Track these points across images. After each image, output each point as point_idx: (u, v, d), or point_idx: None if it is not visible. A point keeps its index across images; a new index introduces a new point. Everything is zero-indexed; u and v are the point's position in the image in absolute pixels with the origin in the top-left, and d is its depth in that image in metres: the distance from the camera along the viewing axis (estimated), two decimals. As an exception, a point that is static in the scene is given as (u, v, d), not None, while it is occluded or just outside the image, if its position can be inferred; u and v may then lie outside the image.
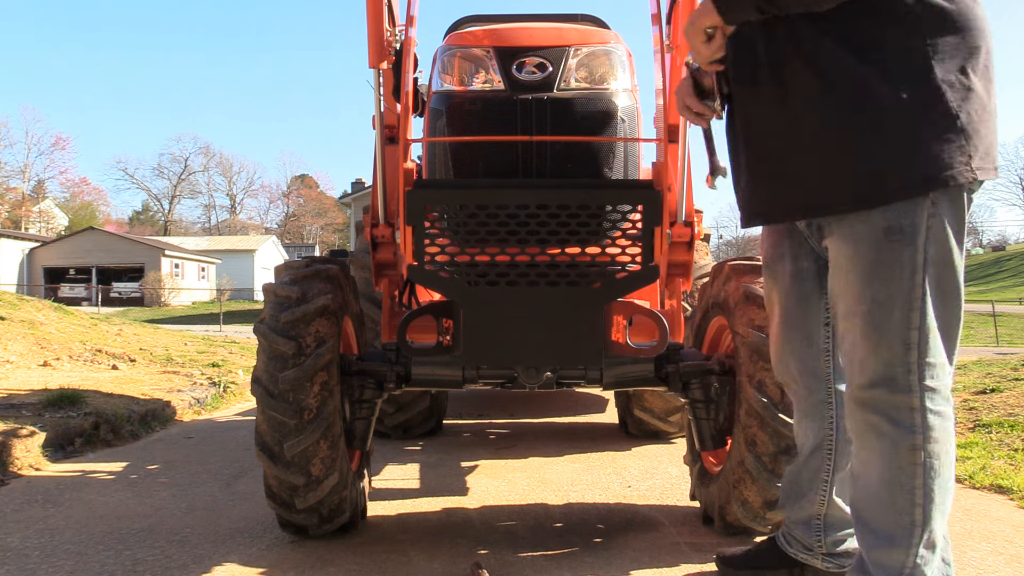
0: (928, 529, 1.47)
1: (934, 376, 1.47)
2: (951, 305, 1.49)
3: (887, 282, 1.48)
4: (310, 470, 2.22)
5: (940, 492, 1.47)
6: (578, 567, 2.19)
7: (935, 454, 1.46)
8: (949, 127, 1.43)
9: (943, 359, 1.48)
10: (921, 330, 1.46)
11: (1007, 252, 68.51)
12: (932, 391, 1.47)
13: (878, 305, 1.49)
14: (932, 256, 1.46)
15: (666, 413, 3.98)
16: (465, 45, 2.68)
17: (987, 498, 2.91)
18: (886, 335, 1.48)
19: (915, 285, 1.46)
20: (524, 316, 2.23)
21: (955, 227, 1.47)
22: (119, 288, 40.90)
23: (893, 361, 1.47)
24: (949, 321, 1.49)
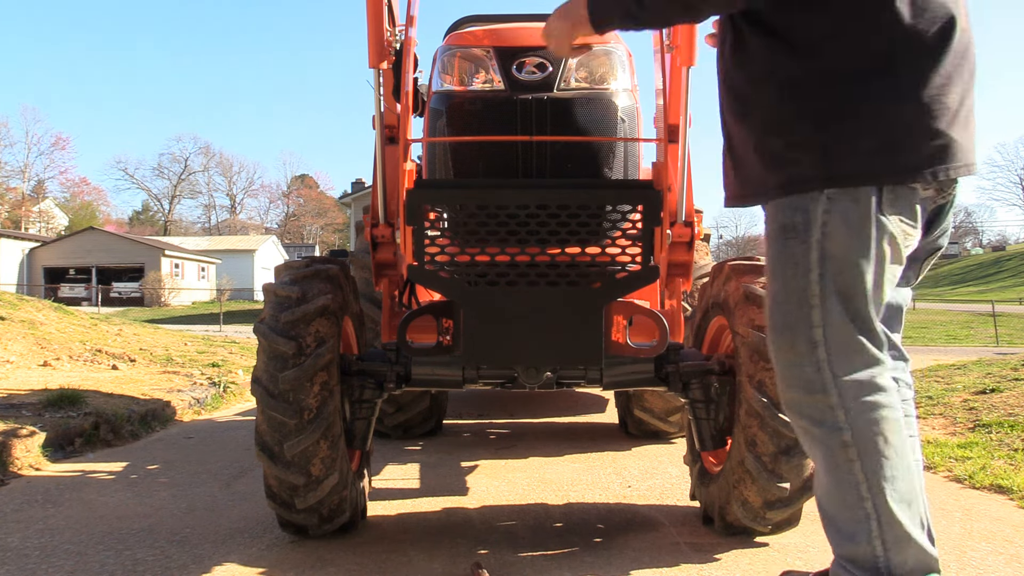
0: (884, 519, 1.45)
1: (852, 368, 1.45)
2: (858, 304, 1.45)
3: (785, 280, 1.50)
4: (310, 470, 2.22)
5: (889, 480, 1.44)
6: (578, 567, 2.19)
7: (869, 446, 1.45)
8: (823, 125, 1.45)
9: (861, 347, 1.46)
10: (826, 327, 1.45)
11: (1007, 252, 68.55)
12: (851, 383, 1.45)
13: (778, 304, 1.51)
14: (829, 253, 1.45)
15: (666, 413, 3.98)
16: (465, 45, 2.68)
17: (987, 498, 2.91)
18: (789, 334, 1.49)
19: (810, 283, 1.46)
20: (524, 316, 2.23)
21: (857, 225, 1.44)
22: (119, 288, 40.91)
23: (802, 361, 1.48)
24: (865, 317, 1.46)
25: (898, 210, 1.45)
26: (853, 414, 1.45)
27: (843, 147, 1.44)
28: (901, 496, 1.46)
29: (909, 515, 1.46)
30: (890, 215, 1.45)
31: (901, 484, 1.46)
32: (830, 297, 1.45)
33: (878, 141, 1.43)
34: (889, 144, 1.43)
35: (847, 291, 1.46)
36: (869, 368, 1.47)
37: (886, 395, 1.47)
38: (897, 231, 1.46)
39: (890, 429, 1.46)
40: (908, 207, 1.47)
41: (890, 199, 1.45)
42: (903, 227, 1.47)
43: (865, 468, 1.45)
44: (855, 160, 1.44)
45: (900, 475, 1.46)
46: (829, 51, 1.46)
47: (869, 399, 1.46)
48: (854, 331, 1.46)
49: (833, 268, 1.45)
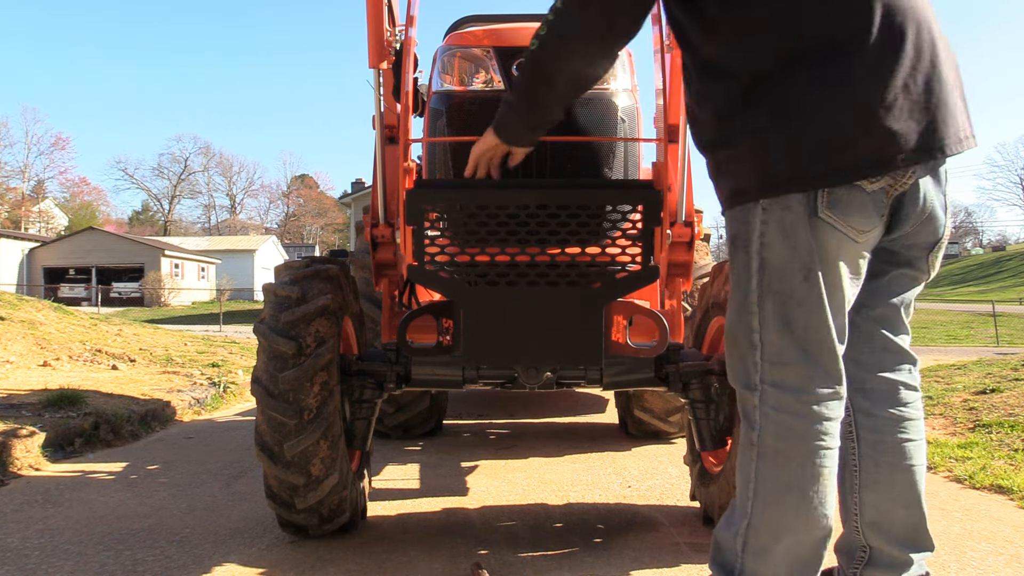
0: (754, 524, 1.48)
1: (778, 377, 1.47)
2: (794, 314, 1.46)
3: (734, 286, 1.56)
4: (310, 470, 2.22)
5: (774, 491, 1.46)
6: (578, 567, 2.19)
7: (768, 453, 1.47)
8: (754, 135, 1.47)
9: (796, 362, 1.46)
10: (762, 333, 1.49)
11: (1007, 252, 68.54)
12: (776, 390, 1.47)
13: (729, 308, 1.57)
14: (767, 262, 1.48)
15: (666, 413, 3.98)
16: (465, 45, 2.68)
17: (987, 498, 2.91)
18: (737, 336, 1.54)
19: (750, 290, 1.50)
20: (524, 316, 2.23)
21: (792, 232, 1.44)
22: (119, 288, 40.89)
23: (745, 360, 1.53)
24: (804, 327, 1.46)
25: (840, 211, 1.43)
26: (766, 419, 1.48)
27: (772, 156, 1.45)
28: (781, 516, 1.46)
29: (782, 538, 1.46)
30: (830, 217, 1.44)
31: (787, 507, 1.45)
32: (766, 306, 1.48)
33: (805, 147, 1.42)
34: (815, 149, 1.42)
35: (784, 301, 1.47)
36: (797, 384, 1.46)
37: (804, 419, 1.45)
38: (845, 231, 1.45)
39: (797, 450, 1.45)
40: (853, 205, 1.44)
41: (829, 201, 1.43)
42: (852, 226, 1.45)
43: (759, 471, 1.48)
44: (783, 168, 1.44)
45: (790, 498, 1.45)
46: (746, 63, 1.47)
47: (784, 414, 1.47)
48: (788, 342, 1.47)
49: (770, 276, 1.48)
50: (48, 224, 57.91)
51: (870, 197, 1.44)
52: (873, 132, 1.40)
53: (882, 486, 1.64)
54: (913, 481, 1.63)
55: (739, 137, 1.49)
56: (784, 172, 1.44)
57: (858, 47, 1.40)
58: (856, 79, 1.39)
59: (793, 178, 1.43)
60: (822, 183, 1.42)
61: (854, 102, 1.40)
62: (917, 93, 1.42)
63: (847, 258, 1.47)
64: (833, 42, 1.41)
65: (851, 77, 1.40)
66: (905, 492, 1.63)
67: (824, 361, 1.47)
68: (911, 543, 1.64)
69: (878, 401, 1.64)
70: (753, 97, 1.46)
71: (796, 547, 1.46)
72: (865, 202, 1.44)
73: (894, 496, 1.63)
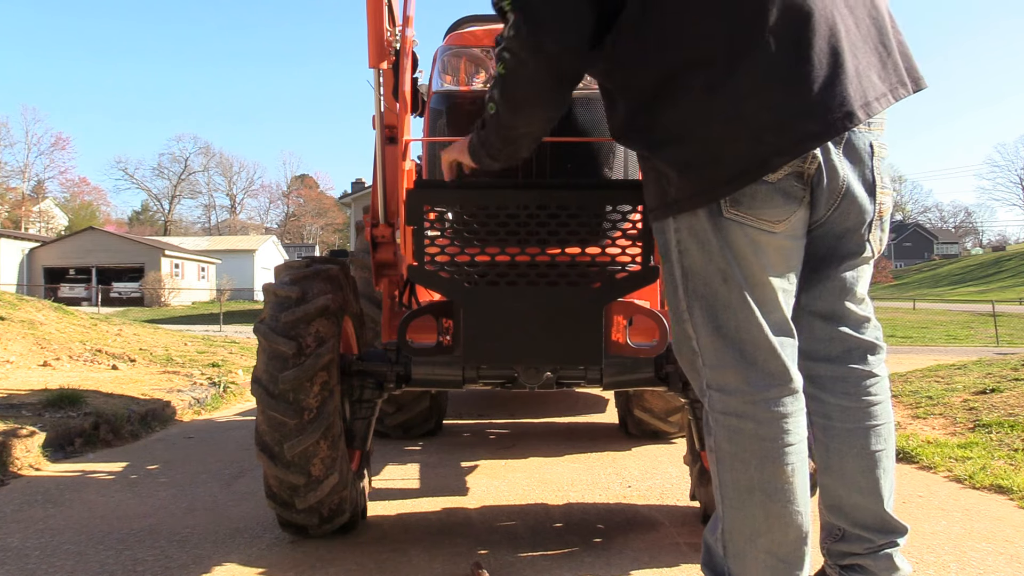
0: (727, 528, 1.48)
1: (721, 382, 1.48)
2: (723, 316, 1.45)
3: (668, 296, 1.58)
4: (310, 470, 2.22)
5: (737, 495, 1.45)
6: (578, 567, 2.19)
7: (725, 457, 1.47)
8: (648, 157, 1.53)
9: (733, 364, 1.45)
10: (699, 339, 1.50)
11: (1007, 252, 68.52)
12: (720, 394, 1.48)
13: (670, 317, 1.59)
14: (688, 269, 1.49)
15: (666, 413, 3.98)
16: (465, 45, 2.68)
17: (987, 498, 2.91)
18: (680, 344, 1.57)
19: (679, 299, 1.52)
20: (524, 316, 2.22)
21: (703, 238, 1.44)
22: (119, 288, 40.87)
23: (692, 368, 1.56)
24: (735, 328, 1.45)
25: (746, 207, 1.41)
26: (717, 424, 1.49)
27: (665, 178, 1.48)
28: (748, 519, 1.45)
29: (754, 540, 1.45)
30: (736, 215, 1.42)
31: (752, 508, 1.45)
32: (695, 312, 1.49)
33: (692, 164, 1.42)
34: (700, 164, 1.41)
35: (711, 305, 1.47)
36: (738, 385, 1.46)
37: (752, 420, 1.44)
38: (753, 227, 1.42)
39: (752, 452, 1.44)
40: (758, 199, 1.40)
41: (732, 200, 1.41)
42: (760, 220, 1.42)
43: (721, 476, 1.49)
44: (675, 189, 1.46)
45: (754, 499, 1.44)
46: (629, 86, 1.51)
47: (732, 417, 1.46)
48: (721, 345, 1.47)
49: (694, 283, 1.49)
50: (48, 224, 57.91)
51: (776, 187, 1.41)
52: (746, 136, 1.37)
53: (834, 471, 1.63)
54: (868, 467, 1.59)
55: (640, 159, 1.57)
56: (678, 192, 1.45)
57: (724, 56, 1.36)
58: (722, 86, 1.36)
59: (688, 196, 1.44)
60: (714, 195, 1.41)
61: (724, 110, 1.37)
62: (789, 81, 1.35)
63: (767, 251, 1.44)
64: (700, 55, 1.39)
65: (717, 85, 1.36)
66: (859, 478, 1.60)
67: (762, 360, 1.44)
68: (877, 528, 1.62)
69: (825, 388, 1.62)
70: (637, 121, 1.50)
71: (774, 547, 1.44)
72: (771, 193, 1.41)
73: (847, 482, 1.61)
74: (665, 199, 1.49)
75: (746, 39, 1.35)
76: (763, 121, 1.36)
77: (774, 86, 1.35)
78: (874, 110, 1.40)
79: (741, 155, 1.38)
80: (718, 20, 1.38)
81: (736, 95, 1.35)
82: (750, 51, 1.35)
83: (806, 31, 1.35)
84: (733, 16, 1.37)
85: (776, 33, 1.35)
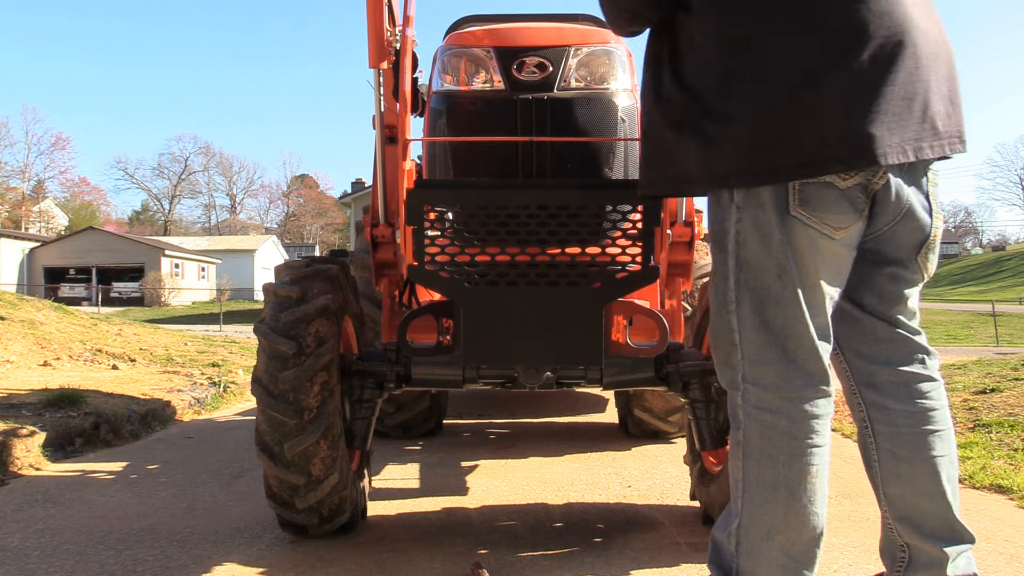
0: (744, 524, 1.49)
1: (759, 377, 1.49)
2: (770, 312, 1.47)
3: (713, 285, 1.58)
4: (310, 470, 2.22)
5: (760, 491, 1.47)
6: (578, 567, 2.19)
7: (753, 452, 1.48)
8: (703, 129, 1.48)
9: (775, 361, 1.47)
10: (741, 332, 1.50)
11: (1007, 252, 68.53)
12: (757, 388, 1.49)
13: (712, 307, 1.59)
14: (743, 261, 1.49)
15: (666, 413, 3.98)
16: (465, 45, 2.67)
17: (987, 498, 2.91)
18: (719, 335, 1.56)
19: (728, 289, 1.52)
20: (524, 316, 2.23)
21: (766, 230, 1.46)
22: (119, 288, 40.87)
23: (729, 360, 1.55)
24: (781, 325, 1.46)
25: (813, 207, 1.44)
26: (749, 418, 1.49)
27: (728, 149, 1.46)
28: (768, 516, 1.46)
29: (772, 538, 1.46)
30: (802, 215, 1.44)
31: (775, 505, 1.46)
32: (744, 304, 1.50)
33: (772, 140, 1.42)
34: (772, 142, 1.42)
35: (760, 299, 1.48)
36: (777, 381, 1.47)
37: (787, 417, 1.46)
38: (817, 229, 1.45)
39: (781, 449, 1.45)
40: (826, 202, 1.44)
41: (801, 198, 1.44)
42: (827, 223, 1.45)
43: (745, 471, 1.50)
44: (737, 161, 1.45)
45: (777, 497, 1.46)
46: (726, 52, 1.48)
47: (766, 413, 1.48)
48: (766, 340, 1.48)
49: (747, 275, 1.49)
50: (48, 224, 57.90)
51: (844, 194, 1.44)
52: (824, 135, 1.40)
53: (903, 479, 1.61)
54: (936, 472, 1.59)
55: (712, 126, 1.48)
56: (733, 165, 1.45)
57: (841, 45, 1.40)
58: (814, 86, 1.40)
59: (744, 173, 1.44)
60: (775, 178, 1.43)
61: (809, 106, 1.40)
62: (896, 97, 1.41)
63: (824, 255, 1.47)
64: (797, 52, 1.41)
65: (822, 75, 1.39)
66: (928, 484, 1.59)
67: (803, 359, 1.47)
68: (945, 536, 1.59)
69: (889, 394, 1.63)
70: (735, 84, 1.46)
71: (788, 546, 1.46)
72: (839, 199, 1.44)
73: (917, 489, 1.60)
74: (713, 171, 1.48)
75: (844, 51, 1.40)
76: (844, 127, 1.40)
77: (863, 99, 1.40)
78: (942, 151, 1.47)
79: (815, 150, 1.41)
80: (819, 29, 1.42)
81: (823, 96, 1.40)
82: (846, 63, 1.40)
83: (898, 59, 1.42)
84: (834, 29, 1.41)
85: (872, 55, 1.41)
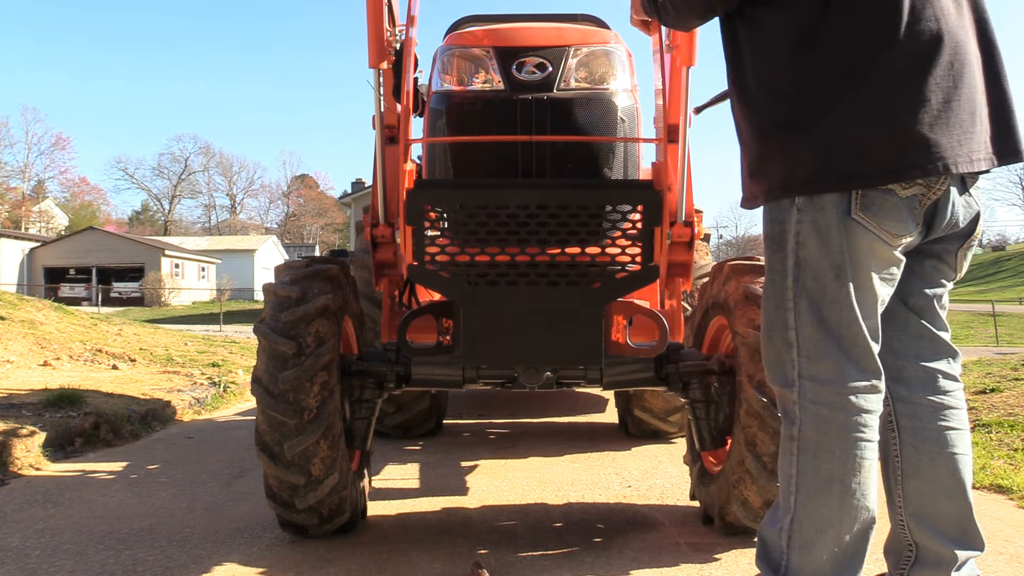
0: (797, 519, 1.50)
1: (817, 372, 1.51)
2: (827, 311, 1.51)
3: (770, 284, 1.61)
4: (310, 470, 2.22)
5: (816, 484, 1.49)
6: (578, 567, 2.19)
7: (809, 447, 1.50)
8: (782, 134, 1.52)
9: (832, 357, 1.50)
10: (799, 330, 1.53)
11: (1007, 252, 68.48)
12: (813, 384, 1.51)
13: (765, 305, 1.62)
14: (802, 260, 1.52)
15: (666, 413, 3.98)
16: (465, 45, 2.67)
17: (987, 498, 2.91)
18: (773, 332, 1.59)
19: (787, 288, 1.55)
20: (524, 316, 2.23)
21: (826, 233, 1.49)
22: (119, 288, 40.88)
23: (781, 357, 1.57)
24: (837, 323, 1.50)
25: (873, 213, 1.48)
26: (805, 413, 1.52)
27: (807, 156, 1.49)
28: (824, 509, 1.48)
29: (825, 531, 1.48)
30: (863, 219, 1.48)
31: (830, 498, 1.48)
32: (801, 302, 1.53)
33: (838, 148, 1.46)
34: (848, 150, 1.46)
35: (817, 298, 1.52)
36: (834, 377, 1.50)
37: (843, 412, 1.49)
38: (878, 233, 1.49)
39: (837, 442, 1.48)
40: (886, 209, 1.48)
41: (863, 203, 1.48)
42: (885, 229, 1.49)
43: (800, 465, 1.52)
44: (816, 169, 1.48)
45: (832, 489, 1.48)
46: (799, 57, 1.50)
47: (823, 407, 1.50)
48: (822, 337, 1.51)
49: (806, 275, 1.53)
50: (48, 224, 57.88)
51: (904, 202, 1.49)
52: (904, 139, 1.45)
53: (924, 474, 1.63)
54: (956, 469, 1.61)
55: (777, 131, 1.53)
56: (818, 172, 1.48)
57: (906, 56, 1.45)
58: (898, 87, 1.45)
59: (824, 179, 1.48)
60: (849, 185, 1.47)
61: (894, 109, 1.45)
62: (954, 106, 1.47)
63: (879, 260, 1.52)
64: (887, 50, 1.45)
65: (894, 85, 1.45)
66: (948, 480, 1.61)
67: (857, 355, 1.51)
68: (958, 538, 1.61)
69: (916, 388, 1.66)
70: (803, 90, 1.49)
71: (840, 540, 1.49)
72: (899, 207, 1.49)
73: (937, 485, 1.62)
74: (791, 179, 1.51)
75: (920, 66, 1.46)
76: (923, 136, 1.44)
77: (938, 112, 1.46)
78: (995, 164, 1.55)
79: (884, 156, 1.45)
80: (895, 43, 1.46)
81: (904, 106, 1.45)
82: (922, 77, 1.45)
83: (964, 75, 1.49)
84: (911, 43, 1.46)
85: (943, 71, 1.47)
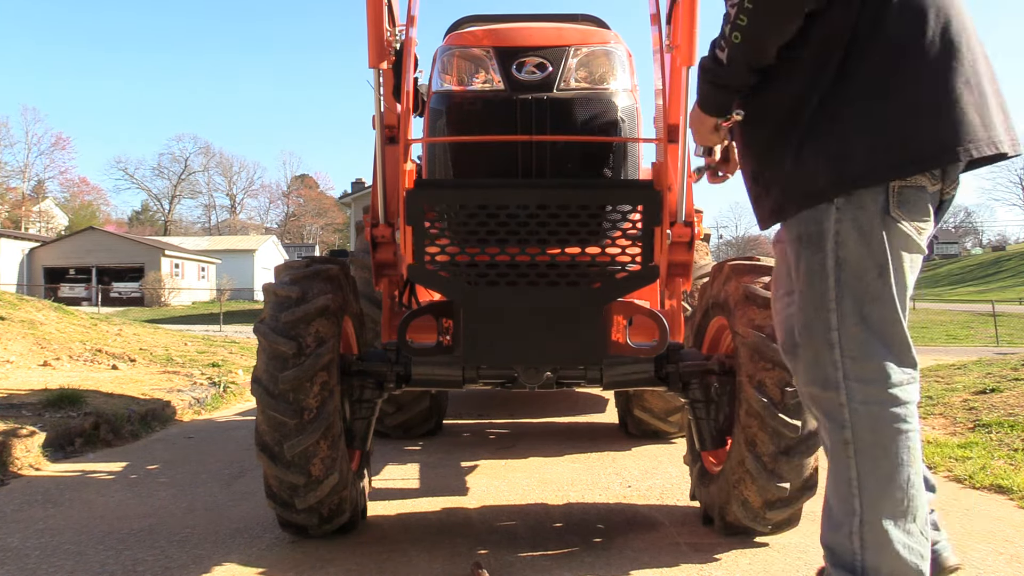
0: (867, 519, 1.50)
1: (863, 373, 1.51)
2: (869, 309, 1.51)
3: (807, 285, 1.58)
4: (310, 470, 2.22)
5: (878, 483, 1.50)
6: (578, 567, 2.19)
7: (866, 447, 1.51)
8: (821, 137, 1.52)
9: (877, 355, 1.51)
10: (841, 331, 1.52)
11: (1007, 252, 68.49)
12: (861, 386, 1.51)
13: (802, 307, 1.60)
14: (843, 260, 1.52)
15: (666, 413, 3.98)
16: (465, 45, 2.67)
17: (987, 498, 2.92)
18: (813, 335, 1.57)
19: (827, 288, 1.54)
20: (524, 316, 2.23)
21: (868, 231, 1.50)
22: (119, 288, 40.86)
23: (821, 360, 1.56)
24: (879, 320, 1.51)
25: (907, 209, 1.50)
26: (857, 415, 1.51)
27: (844, 155, 1.49)
28: (889, 504, 1.49)
29: (894, 524, 1.48)
30: (900, 215, 1.50)
31: (892, 489, 1.49)
32: (844, 302, 1.52)
33: (875, 144, 1.48)
34: (886, 145, 1.47)
35: (860, 296, 1.52)
36: (880, 375, 1.51)
37: (892, 407, 1.50)
38: (910, 230, 1.52)
39: (891, 438, 1.50)
40: (918, 205, 1.51)
41: (898, 200, 1.50)
42: (916, 225, 1.52)
43: (860, 467, 1.51)
44: (856, 165, 1.49)
45: (894, 484, 1.49)
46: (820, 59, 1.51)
47: (874, 406, 1.51)
48: (867, 336, 1.51)
49: (847, 274, 1.52)
50: (48, 224, 57.86)
51: (931, 197, 1.54)
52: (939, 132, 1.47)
53: None
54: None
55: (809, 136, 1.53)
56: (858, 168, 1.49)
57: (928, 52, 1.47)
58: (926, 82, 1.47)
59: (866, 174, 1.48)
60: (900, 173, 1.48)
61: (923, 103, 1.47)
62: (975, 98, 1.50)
63: (910, 254, 1.54)
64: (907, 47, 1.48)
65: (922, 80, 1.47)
66: None
67: (898, 350, 1.52)
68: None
69: None
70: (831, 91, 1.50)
71: (906, 533, 1.49)
72: (928, 202, 1.53)
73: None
74: (842, 176, 1.51)
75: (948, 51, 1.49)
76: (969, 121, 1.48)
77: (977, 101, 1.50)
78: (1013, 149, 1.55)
79: (924, 146, 1.48)
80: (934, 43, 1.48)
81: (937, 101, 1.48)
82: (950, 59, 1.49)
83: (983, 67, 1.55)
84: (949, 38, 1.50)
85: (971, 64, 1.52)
